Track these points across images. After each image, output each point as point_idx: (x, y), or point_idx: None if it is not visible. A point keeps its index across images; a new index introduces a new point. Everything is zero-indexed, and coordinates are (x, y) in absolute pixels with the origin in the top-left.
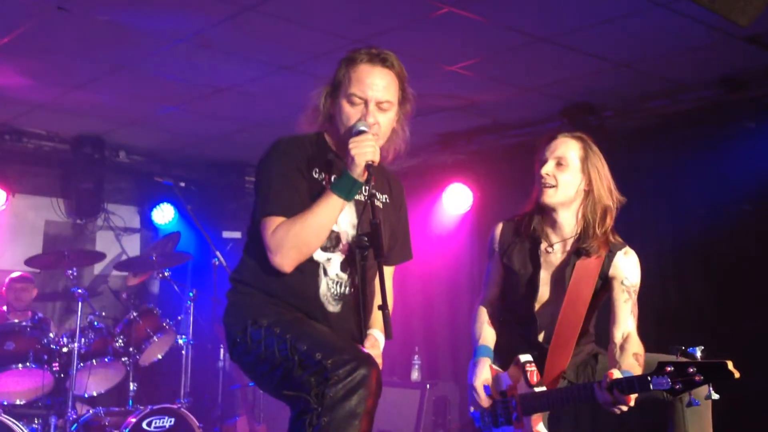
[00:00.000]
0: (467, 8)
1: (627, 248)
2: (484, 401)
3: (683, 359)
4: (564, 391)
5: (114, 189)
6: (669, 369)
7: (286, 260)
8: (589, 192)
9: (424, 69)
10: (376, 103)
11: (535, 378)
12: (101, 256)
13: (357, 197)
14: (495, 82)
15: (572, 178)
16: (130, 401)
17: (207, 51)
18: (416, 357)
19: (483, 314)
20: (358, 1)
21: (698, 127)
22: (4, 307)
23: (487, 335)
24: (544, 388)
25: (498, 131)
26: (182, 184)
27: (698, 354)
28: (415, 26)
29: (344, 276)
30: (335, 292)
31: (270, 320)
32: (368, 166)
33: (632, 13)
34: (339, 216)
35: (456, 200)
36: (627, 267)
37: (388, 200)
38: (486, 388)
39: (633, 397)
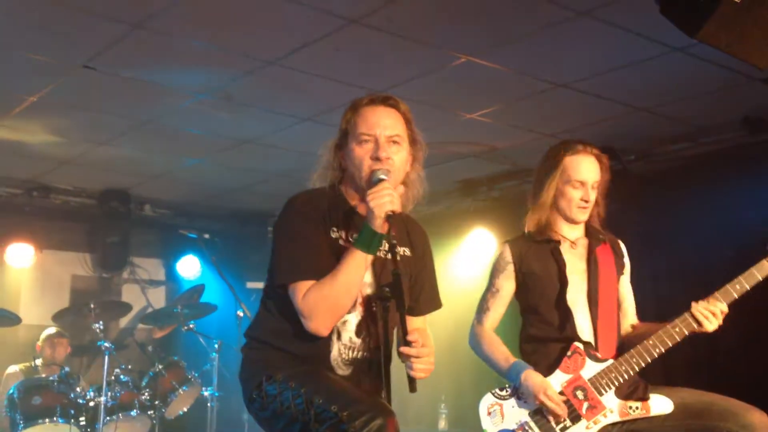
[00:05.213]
0: (485, 57)
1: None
2: (561, 405)
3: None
4: (658, 336)
5: (139, 242)
6: None
7: (322, 324)
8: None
9: (444, 117)
10: (387, 138)
11: (600, 355)
12: (127, 306)
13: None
14: (515, 128)
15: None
16: None
17: (229, 105)
18: (443, 406)
19: (495, 336)
20: (378, 52)
21: (720, 169)
22: (38, 361)
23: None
24: (611, 361)
25: (519, 176)
26: (206, 236)
27: None
28: (434, 76)
29: (357, 341)
30: (346, 357)
31: (285, 374)
32: (389, 217)
33: (651, 58)
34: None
35: (479, 246)
36: (626, 254)
37: (408, 252)
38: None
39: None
